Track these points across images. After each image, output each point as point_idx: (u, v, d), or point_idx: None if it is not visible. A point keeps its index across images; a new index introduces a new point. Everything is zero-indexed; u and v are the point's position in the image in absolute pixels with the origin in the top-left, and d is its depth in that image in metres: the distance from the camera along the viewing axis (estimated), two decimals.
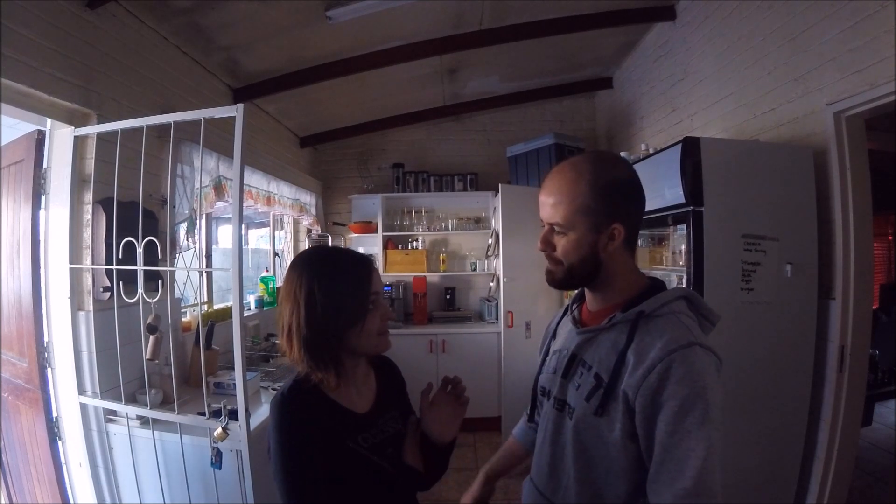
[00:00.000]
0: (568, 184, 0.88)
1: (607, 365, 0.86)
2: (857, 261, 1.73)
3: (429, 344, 3.99)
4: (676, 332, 0.82)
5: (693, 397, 0.75)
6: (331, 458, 0.92)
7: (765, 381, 1.76)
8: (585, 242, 0.88)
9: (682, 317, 0.86)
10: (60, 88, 1.77)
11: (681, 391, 0.75)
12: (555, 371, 0.98)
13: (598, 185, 0.86)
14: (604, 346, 0.88)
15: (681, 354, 0.78)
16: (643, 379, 0.78)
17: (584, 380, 0.89)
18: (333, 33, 2.67)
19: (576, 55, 3.61)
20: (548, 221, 0.91)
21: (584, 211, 0.87)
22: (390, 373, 1.17)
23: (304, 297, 0.93)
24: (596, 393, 0.85)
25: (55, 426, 1.95)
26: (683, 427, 0.74)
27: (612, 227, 0.87)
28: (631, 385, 0.80)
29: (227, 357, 2.32)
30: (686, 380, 0.76)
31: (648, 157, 2.12)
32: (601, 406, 0.83)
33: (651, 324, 0.85)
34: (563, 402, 0.93)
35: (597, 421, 0.84)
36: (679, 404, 0.75)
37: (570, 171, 0.89)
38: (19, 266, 1.94)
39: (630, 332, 0.85)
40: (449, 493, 3.02)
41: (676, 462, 0.74)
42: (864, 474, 2.90)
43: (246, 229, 4.04)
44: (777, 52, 2.03)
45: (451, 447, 1.07)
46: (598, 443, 0.85)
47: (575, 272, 0.90)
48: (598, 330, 0.91)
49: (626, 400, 0.80)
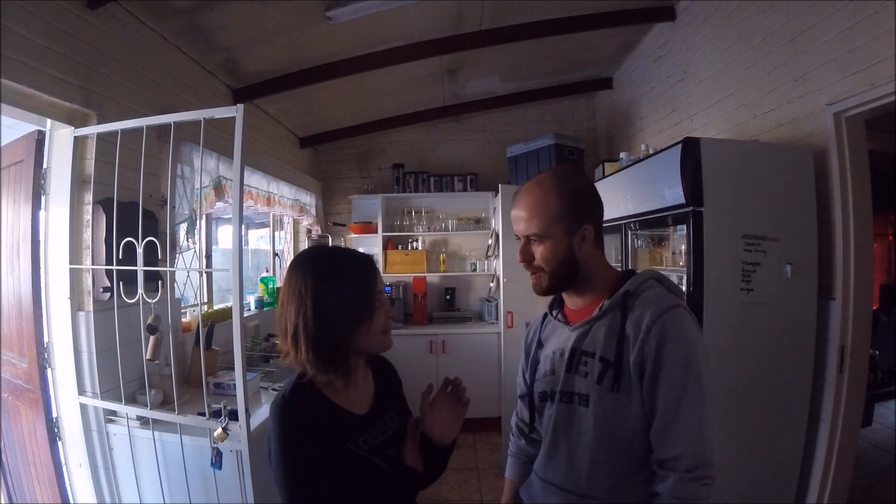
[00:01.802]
0: (538, 198, 1.00)
1: (610, 346, 0.95)
2: (857, 261, 1.73)
3: (429, 344, 3.99)
4: (660, 299, 0.95)
5: (688, 354, 0.88)
6: (331, 460, 0.92)
7: (765, 381, 1.76)
8: (562, 246, 0.99)
9: (659, 288, 0.99)
10: (60, 89, 1.77)
11: (677, 349, 0.88)
12: (552, 372, 1.05)
13: (564, 194, 0.99)
14: (601, 332, 0.98)
15: (669, 315, 0.91)
16: (643, 344, 0.90)
17: (590, 367, 0.97)
18: (333, 33, 2.67)
19: (576, 55, 3.61)
20: (524, 234, 1.02)
21: (557, 219, 0.98)
22: (387, 372, 1.16)
23: (311, 298, 0.92)
24: (607, 373, 0.94)
25: (55, 426, 1.95)
26: (685, 382, 0.87)
27: (583, 228, 1.00)
28: (636, 355, 0.90)
29: (227, 357, 2.32)
30: (679, 338, 0.89)
31: (648, 157, 2.12)
32: (616, 382, 0.92)
33: (637, 300, 0.96)
34: (571, 395, 1.00)
35: (614, 398, 0.93)
36: (677, 362, 0.88)
37: (538, 188, 1.02)
38: (19, 266, 1.94)
39: (622, 311, 0.96)
40: (449, 493, 3.02)
41: (682, 416, 0.86)
42: (864, 474, 2.90)
43: (246, 230, 4.04)
44: (777, 53, 2.03)
45: (452, 448, 1.07)
46: (618, 418, 0.93)
47: (557, 274, 1.01)
48: (592, 321, 1.00)
49: (639, 369, 0.90)
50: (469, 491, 3.07)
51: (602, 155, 4.14)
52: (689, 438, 0.86)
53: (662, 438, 0.88)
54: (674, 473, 0.86)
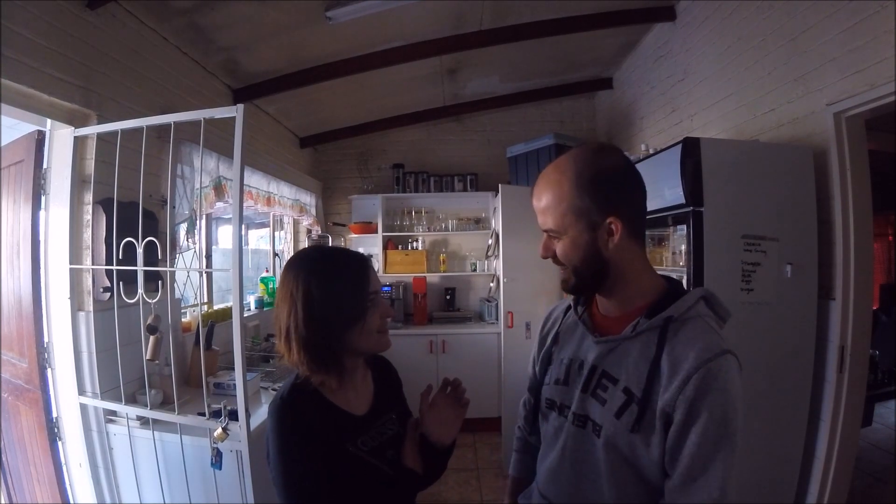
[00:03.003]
0: (552, 186, 0.85)
1: (637, 377, 0.81)
2: (857, 261, 1.73)
3: (429, 344, 3.99)
4: (708, 339, 0.80)
5: (727, 410, 0.76)
6: (331, 462, 0.92)
7: (765, 381, 1.76)
8: (582, 243, 0.84)
9: (708, 320, 0.84)
10: (60, 89, 1.77)
11: (717, 403, 0.75)
12: (564, 382, 0.92)
13: (581, 181, 0.82)
14: (630, 357, 0.83)
15: (716, 364, 0.76)
16: (679, 391, 0.76)
17: (610, 395, 0.84)
18: (333, 33, 2.67)
19: (576, 55, 3.61)
20: (542, 228, 0.88)
21: (573, 212, 0.83)
22: (387, 373, 1.16)
23: (302, 298, 0.92)
24: (628, 409, 0.81)
25: (55, 426, 1.95)
26: (718, 440, 0.75)
27: (608, 221, 0.82)
28: (668, 400, 0.77)
29: (227, 357, 2.32)
30: (721, 392, 0.76)
31: (648, 157, 2.12)
32: (637, 422, 0.79)
33: (680, 330, 0.81)
34: (585, 419, 0.87)
35: (632, 438, 0.80)
36: (715, 417, 0.75)
37: (554, 173, 0.86)
38: (19, 266, 1.94)
39: (660, 339, 0.81)
40: (449, 493, 3.02)
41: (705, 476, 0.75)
42: (864, 474, 2.90)
43: (246, 230, 4.04)
44: (777, 53, 2.03)
45: (452, 449, 1.06)
46: (633, 459, 0.81)
47: (581, 274, 0.86)
48: (620, 339, 0.85)
49: (665, 415, 0.77)
50: (469, 491, 3.07)
51: None
52: (708, 497, 0.75)
53: (679, 493, 0.77)
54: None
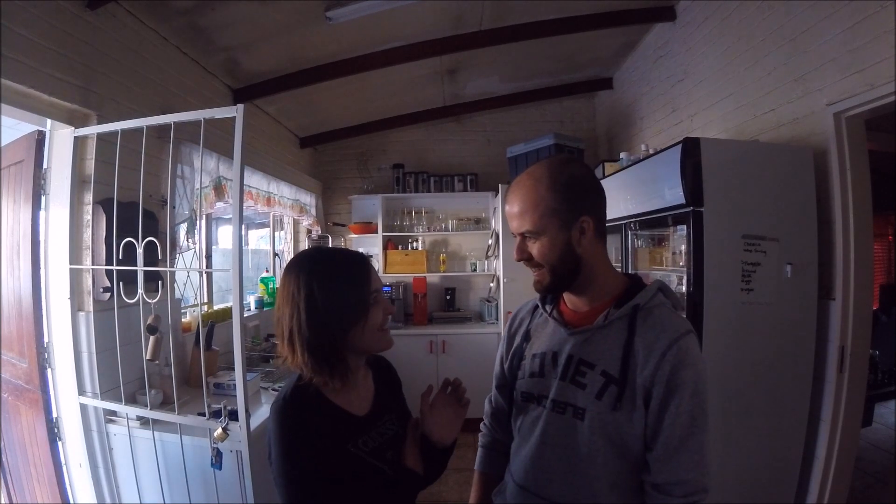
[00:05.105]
0: (529, 191, 0.93)
1: (613, 361, 0.89)
2: (857, 261, 1.73)
3: (429, 344, 3.99)
4: (674, 322, 0.90)
5: (698, 382, 0.85)
6: (332, 462, 0.92)
7: (765, 381, 1.76)
8: (559, 241, 0.92)
9: (669, 306, 0.95)
10: (60, 89, 1.77)
11: (689, 376, 0.84)
12: (539, 374, 0.99)
13: (556, 185, 0.91)
14: (604, 344, 0.92)
15: (685, 342, 0.86)
16: (657, 368, 0.85)
17: (589, 379, 0.91)
18: (333, 34, 2.67)
19: (576, 56, 3.61)
20: (518, 232, 0.96)
21: (550, 213, 0.91)
22: (387, 373, 1.16)
23: (304, 300, 0.92)
24: (608, 389, 0.88)
25: (55, 426, 1.95)
26: (693, 412, 0.84)
27: (581, 220, 0.92)
28: (647, 377, 0.86)
29: (227, 357, 2.32)
30: (691, 365, 0.85)
31: (648, 157, 2.12)
32: (617, 400, 0.87)
33: (648, 316, 0.91)
34: (565, 405, 0.93)
35: (614, 416, 0.87)
36: (689, 389, 0.84)
37: (528, 180, 0.94)
38: (19, 266, 1.94)
39: (630, 325, 0.90)
40: (449, 493, 3.02)
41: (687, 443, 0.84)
42: (864, 474, 2.90)
43: (246, 230, 4.04)
44: (777, 53, 2.03)
45: (452, 449, 1.06)
46: (617, 437, 0.88)
47: (557, 272, 0.94)
48: (593, 329, 0.94)
49: (645, 390, 0.86)
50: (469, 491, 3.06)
51: (602, 155, 4.13)
52: (691, 465, 0.84)
53: (664, 463, 0.85)
54: (671, 498, 0.84)
